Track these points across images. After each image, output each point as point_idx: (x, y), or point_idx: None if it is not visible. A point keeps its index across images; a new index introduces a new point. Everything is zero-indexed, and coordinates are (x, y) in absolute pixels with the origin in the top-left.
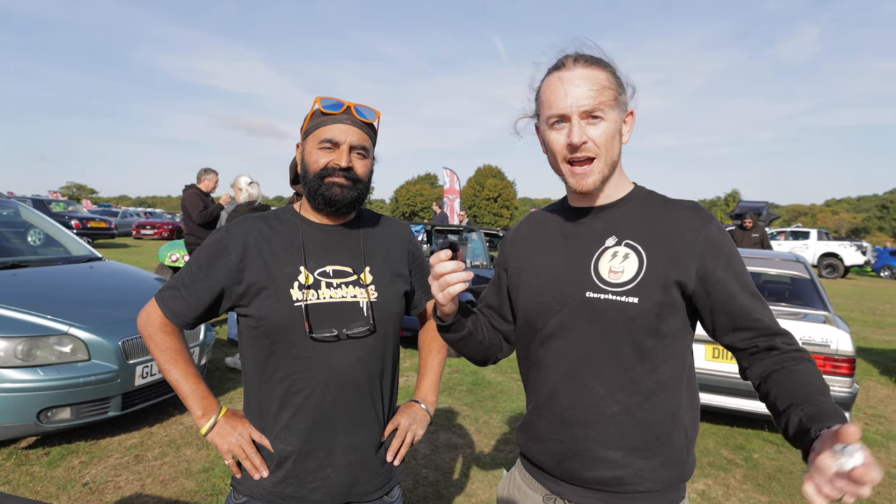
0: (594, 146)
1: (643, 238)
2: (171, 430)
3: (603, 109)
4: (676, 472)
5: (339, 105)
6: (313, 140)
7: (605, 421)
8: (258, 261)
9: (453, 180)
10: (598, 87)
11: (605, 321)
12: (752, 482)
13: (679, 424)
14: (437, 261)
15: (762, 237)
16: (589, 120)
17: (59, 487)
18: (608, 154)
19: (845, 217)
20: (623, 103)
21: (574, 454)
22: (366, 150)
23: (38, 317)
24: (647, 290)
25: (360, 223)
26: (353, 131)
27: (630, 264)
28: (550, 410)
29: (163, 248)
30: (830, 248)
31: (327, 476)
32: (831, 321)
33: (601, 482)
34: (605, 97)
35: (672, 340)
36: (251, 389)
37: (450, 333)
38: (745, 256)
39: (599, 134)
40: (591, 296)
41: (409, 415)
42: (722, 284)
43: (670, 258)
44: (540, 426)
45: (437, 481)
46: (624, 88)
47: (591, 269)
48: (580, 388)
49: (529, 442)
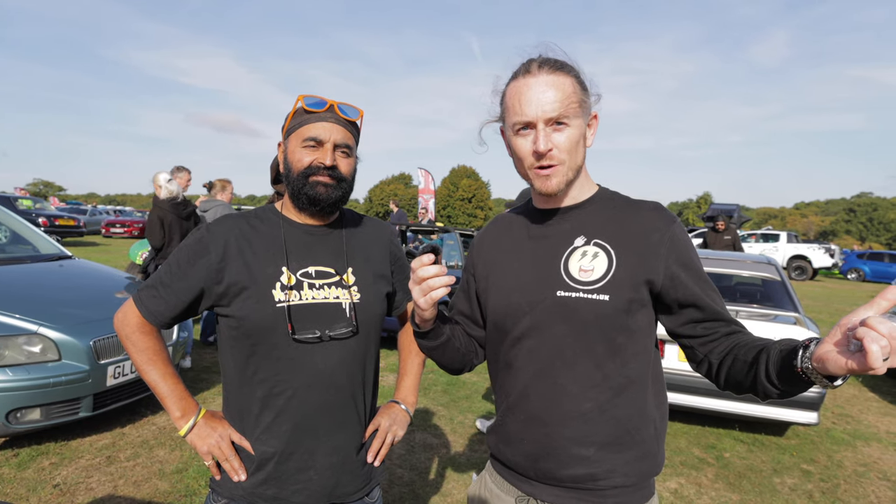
0: (559, 153)
1: (611, 237)
2: (143, 431)
3: (568, 116)
4: (648, 465)
5: (322, 103)
6: (296, 139)
7: (578, 418)
8: (239, 261)
9: (428, 180)
10: (563, 95)
11: (578, 319)
12: (724, 481)
13: (648, 418)
14: (420, 265)
15: (734, 239)
16: (554, 126)
17: (30, 489)
18: (572, 159)
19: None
20: (587, 108)
21: (548, 453)
22: (349, 149)
23: (6, 316)
24: (617, 287)
25: (342, 223)
26: (336, 129)
27: (600, 263)
28: (522, 411)
29: (133, 247)
30: (799, 250)
31: (310, 478)
32: (801, 322)
33: (575, 480)
34: (569, 104)
35: (640, 336)
36: (231, 390)
37: (427, 340)
38: (718, 258)
39: (564, 140)
40: (562, 295)
41: (389, 416)
42: (686, 281)
43: (638, 257)
44: (512, 427)
45: (412, 481)
46: (588, 93)
47: (560, 268)
48: (552, 387)
49: (501, 444)
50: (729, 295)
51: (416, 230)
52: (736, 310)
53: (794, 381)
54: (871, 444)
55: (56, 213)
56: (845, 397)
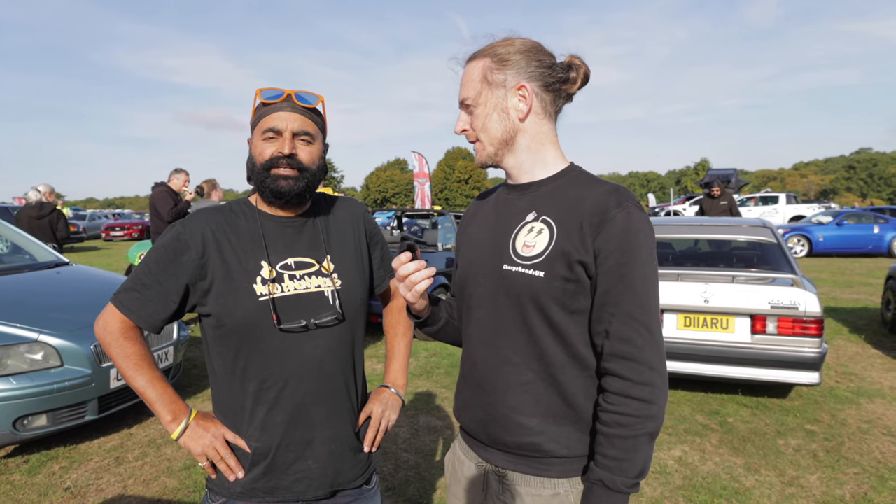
0: (472, 131)
1: (557, 214)
2: (150, 431)
3: (470, 97)
4: (589, 440)
5: (278, 94)
6: (258, 132)
7: (519, 388)
8: (218, 256)
9: (422, 164)
10: (469, 80)
11: (515, 293)
12: (728, 446)
13: (590, 391)
14: (399, 264)
15: (731, 205)
16: (467, 109)
17: (41, 494)
18: (488, 134)
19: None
20: (503, 83)
21: (494, 420)
22: (310, 136)
23: (6, 325)
24: (552, 264)
25: (316, 211)
26: (294, 118)
27: (542, 239)
28: (472, 378)
29: (132, 249)
30: (799, 211)
31: (308, 467)
32: (799, 283)
33: (521, 447)
34: (471, 89)
35: (584, 318)
36: (221, 389)
37: (427, 327)
38: (712, 224)
39: (473, 119)
40: (506, 268)
41: (380, 401)
42: (603, 273)
43: (577, 237)
44: (465, 394)
45: (417, 464)
46: (508, 66)
47: (509, 242)
48: (496, 357)
49: (460, 410)
50: (725, 260)
51: (412, 214)
52: (732, 275)
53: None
54: (875, 400)
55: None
56: (848, 355)
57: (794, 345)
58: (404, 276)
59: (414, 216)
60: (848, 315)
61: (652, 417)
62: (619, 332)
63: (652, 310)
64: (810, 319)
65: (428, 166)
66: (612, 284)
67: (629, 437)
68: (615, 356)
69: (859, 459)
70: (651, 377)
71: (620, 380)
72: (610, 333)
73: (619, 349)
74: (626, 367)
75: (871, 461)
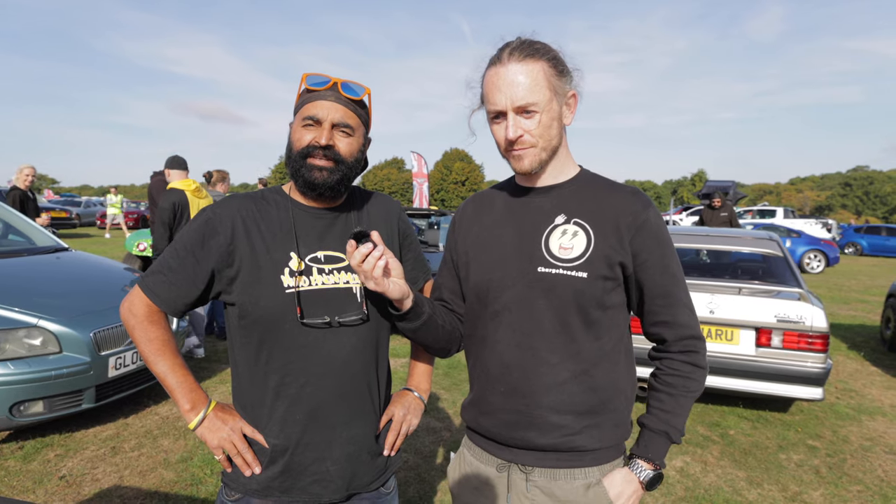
0: (530, 137)
1: (590, 217)
2: (147, 421)
3: (536, 103)
4: (620, 432)
5: (324, 81)
6: (299, 118)
7: (556, 388)
8: (246, 244)
9: (421, 164)
10: (531, 82)
11: (557, 294)
12: (729, 458)
13: (620, 389)
14: (349, 256)
15: (731, 216)
16: (524, 114)
17: (36, 481)
18: (545, 141)
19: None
20: (562, 89)
21: (529, 422)
22: (350, 128)
23: (5, 309)
24: (594, 265)
25: (351, 205)
26: (336, 108)
27: (579, 241)
28: (504, 382)
29: (130, 238)
30: (796, 225)
31: (326, 469)
32: (805, 298)
33: (554, 446)
34: (537, 91)
35: (613, 312)
36: (242, 381)
37: (407, 322)
38: (719, 235)
39: (534, 126)
40: (542, 271)
41: (403, 404)
42: (649, 268)
43: (615, 238)
44: (493, 399)
45: (417, 465)
46: (564, 73)
47: (542, 245)
48: (533, 359)
49: (480, 417)
50: (730, 272)
51: (412, 213)
52: (738, 287)
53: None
54: (876, 418)
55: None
56: (848, 372)
57: (799, 359)
58: (356, 265)
59: (413, 215)
60: (846, 332)
61: (704, 382)
62: (680, 319)
63: (688, 290)
64: (816, 334)
65: (427, 167)
66: (659, 277)
67: (690, 397)
68: (683, 339)
69: (862, 477)
70: (705, 348)
71: (693, 354)
72: (671, 323)
73: (684, 333)
74: (693, 346)
75: (874, 479)
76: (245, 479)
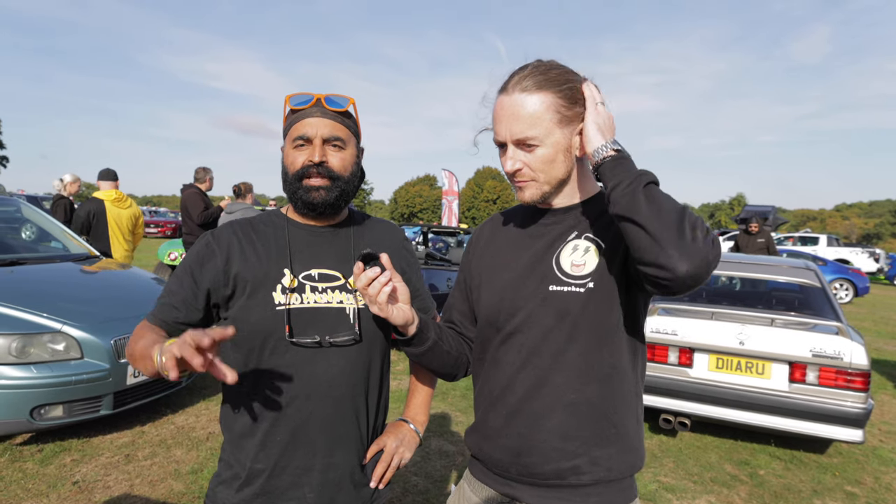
0: (529, 171)
1: (603, 232)
2: (162, 430)
3: (535, 137)
4: (631, 459)
5: (306, 99)
6: (289, 140)
7: (562, 410)
8: (241, 262)
9: (452, 182)
10: (534, 114)
11: (567, 311)
12: (758, 500)
13: (631, 408)
14: (355, 278)
15: (768, 242)
16: (524, 147)
17: (50, 485)
18: (546, 175)
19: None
20: (571, 120)
21: (531, 447)
22: (341, 142)
23: (32, 314)
24: (603, 277)
25: (350, 224)
26: (324, 123)
27: (591, 257)
28: (506, 404)
29: (162, 247)
30: (841, 254)
31: (304, 495)
32: (844, 332)
33: (558, 474)
34: (538, 125)
35: (624, 324)
36: (229, 398)
37: (412, 347)
38: (753, 263)
39: (534, 160)
40: (554, 289)
41: (396, 436)
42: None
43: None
44: (494, 422)
45: (426, 489)
46: (575, 103)
47: (553, 263)
48: (537, 379)
49: (482, 441)
50: (764, 302)
51: (438, 231)
52: (771, 317)
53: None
54: None
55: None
56: (894, 413)
57: (837, 398)
58: (361, 289)
59: (440, 233)
60: (893, 369)
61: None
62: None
63: None
64: (856, 372)
65: (458, 184)
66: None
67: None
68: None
69: None
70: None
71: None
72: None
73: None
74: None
75: None
76: (221, 494)
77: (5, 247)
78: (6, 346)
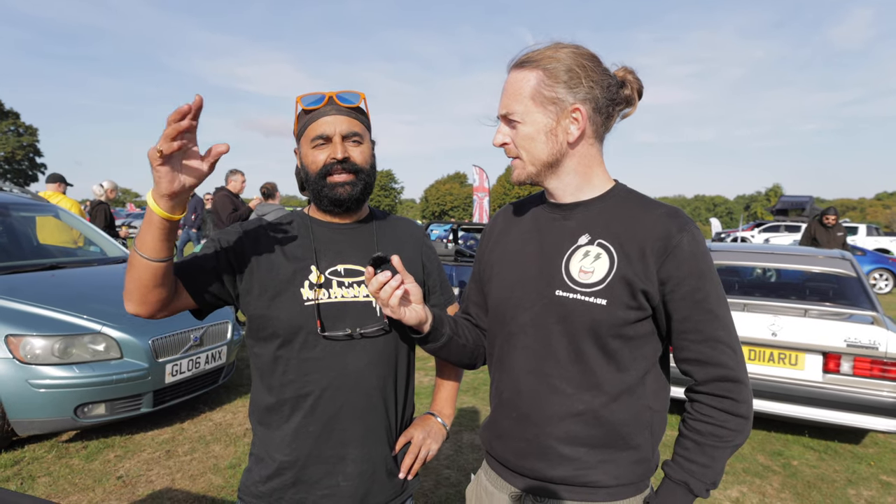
0: (514, 148)
1: (616, 238)
2: (200, 427)
3: (514, 112)
4: (641, 469)
5: (319, 98)
6: (306, 141)
7: (569, 419)
8: (266, 261)
9: (482, 178)
10: (516, 92)
11: (572, 321)
12: (791, 490)
13: (644, 424)
14: (367, 281)
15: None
16: (510, 123)
17: (96, 480)
18: (528, 155)
19: None
20: (560, 101)
21: (538, 452)
22: (359, 136)
23: (73, 316)
24: (615, 292)
25: (371, 220)
26: (340, 120)
27: (601, 265)
28: (515, 408)
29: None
30: (881, 244)
31: (337, 484)
32: (880, 322)
33: (564, 480)
34: (518, 101)
35: (640, 343)
36: (259, 391)
37: (428, 344)
38: (786, 254)
39: (517, 136)
40: (560, 294)
41: (423, 428)
42: (677, 300)
43: (640, 265)
44: (504, 424)
45: (459, 482)
46: (572, 85)
47: (562, 267)
48: (545, 387)
49: (493, 440)
50: (796, 292)
51: (468, 228)
52: (805, 308)
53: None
54: None
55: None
56: None
57: (872, 388)
58: (373, 293)
59: (470, 230)
60: None
61: (746, 433)
62: (712, 358)
63: (732, 329)
64: (892, 361)
65: (488, 181)
66: (690, 311)
67: (723, 448)
68: (715, 380)
69: None
70: (749, 395)
71: (727, 400)
72: (703, 361)
73: (718, 374)
74: (728, 390)
75: None
76: (254, 489)
77: (45, 251)
78: (49, 347)
